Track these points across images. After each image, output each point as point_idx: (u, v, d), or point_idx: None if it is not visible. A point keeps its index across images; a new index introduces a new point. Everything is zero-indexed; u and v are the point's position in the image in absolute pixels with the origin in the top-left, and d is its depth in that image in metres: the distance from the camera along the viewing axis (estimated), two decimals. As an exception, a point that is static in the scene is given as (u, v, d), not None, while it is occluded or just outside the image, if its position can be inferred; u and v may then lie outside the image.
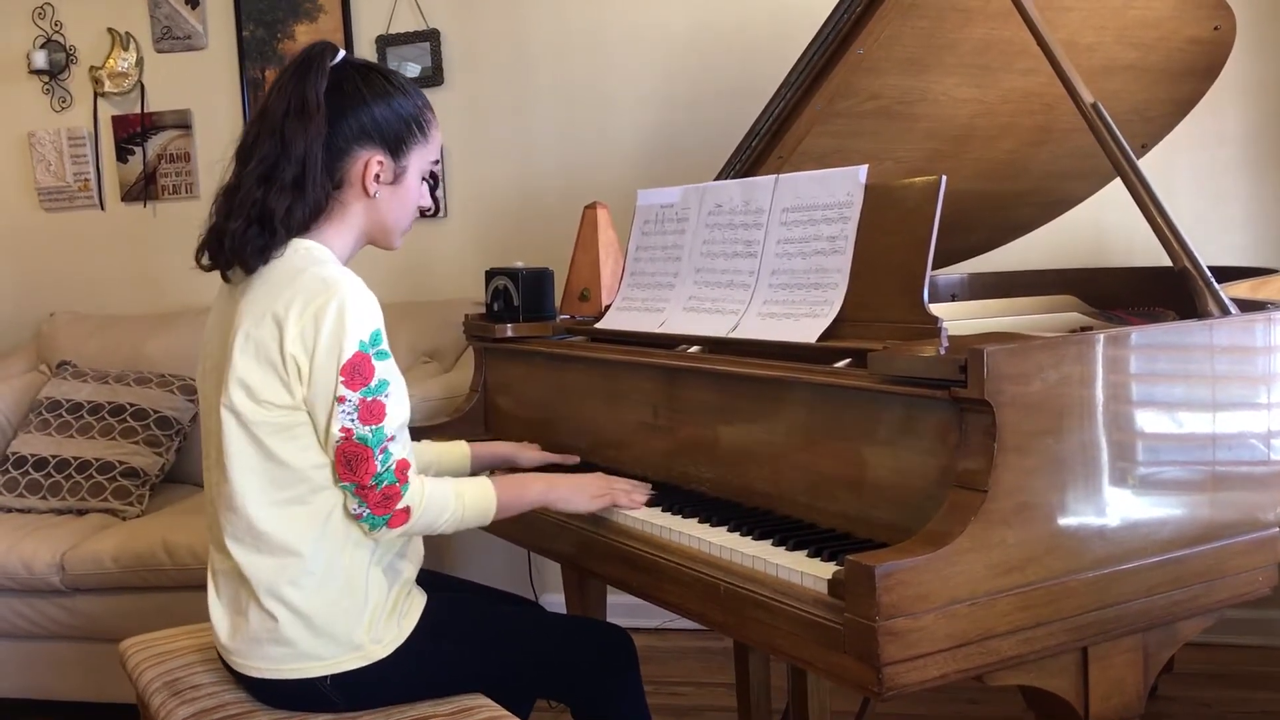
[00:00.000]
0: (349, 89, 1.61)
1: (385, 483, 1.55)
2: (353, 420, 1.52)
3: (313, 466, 1.57)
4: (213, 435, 1.62)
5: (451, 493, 1.65)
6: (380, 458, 1.54)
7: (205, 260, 1.65)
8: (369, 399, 1.52)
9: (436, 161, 1.73)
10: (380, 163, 1.63)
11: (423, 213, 1.76)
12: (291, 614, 1.58)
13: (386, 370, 1.55)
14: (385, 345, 1.55)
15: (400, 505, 1.57)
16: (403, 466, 1.57)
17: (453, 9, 3.50)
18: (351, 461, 1.53)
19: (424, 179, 1.72)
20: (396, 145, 1.64)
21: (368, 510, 1.56)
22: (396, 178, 1.66)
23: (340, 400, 1.52)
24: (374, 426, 1.53)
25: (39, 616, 2.81)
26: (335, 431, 1.53)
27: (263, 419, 1.55)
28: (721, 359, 1.79)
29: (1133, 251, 2.89)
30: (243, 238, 1.56)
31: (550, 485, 1.78)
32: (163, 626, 1.97)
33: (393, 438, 1.56)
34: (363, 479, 1.54)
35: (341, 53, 1.64)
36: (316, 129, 1.57)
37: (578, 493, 1.77)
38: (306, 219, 1.60)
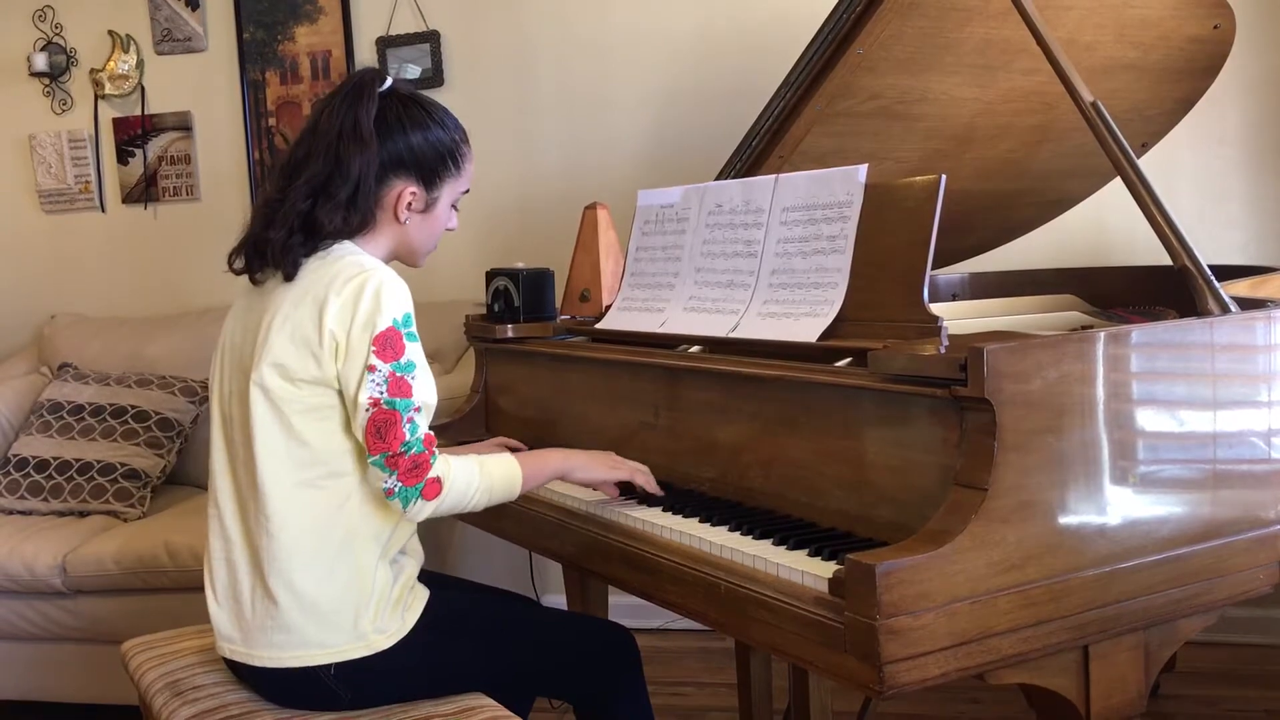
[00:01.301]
0: (391, 119, 1.68)
1: (414, 450, 1.57)
2: (381, 391, 1.56)
3: (334, 450, 1.60)
4: (225, 421, 1.67)
5: (476, 465, 1.66)
6: (408, 426, 1.57)
7: (238, 264, 1.71)
8: (398, 374, 1.57)
9: (466, 191, 1.79)
10: (414, 194, 1.70)
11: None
12: (296, 599, 1.60)
13: (415, 353, 1.60)
14: (415, 330, 1.61)
15: (431, 474, 1.59)
16: (430, 440, 1.60)
17: (453, 10, 3.50)
18: (381, 428, 1.56)
19: (453, 206, 1.78)
20: (430, 177, 1.71)
21: (399, 483, 1.57)
22: (428, 207, 1.73)
23: (370, 369, 1.56)
24: (402, 398, 1.57)
25: (41, 618, 2.81)
26: (364, 400, 1.56)
27: (293, 396, 1.59)
28: (722, 359, 1.79)
29: (1133, 250, 2.89)
30: (285, 245, 1.62)
31: (567, 455, 1.80)
32: (164, 628, 1.97)
33: (419, 409, 1.59)
34: (392, 445, 1.56)
35: (389, 80, 1.71)
36: (371, 154, 1.64)
37: (595, 462, 1.80)
38: (351, 231, 1.67)
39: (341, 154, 1.64)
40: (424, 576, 1.74)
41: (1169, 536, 1.45)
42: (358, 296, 1.57)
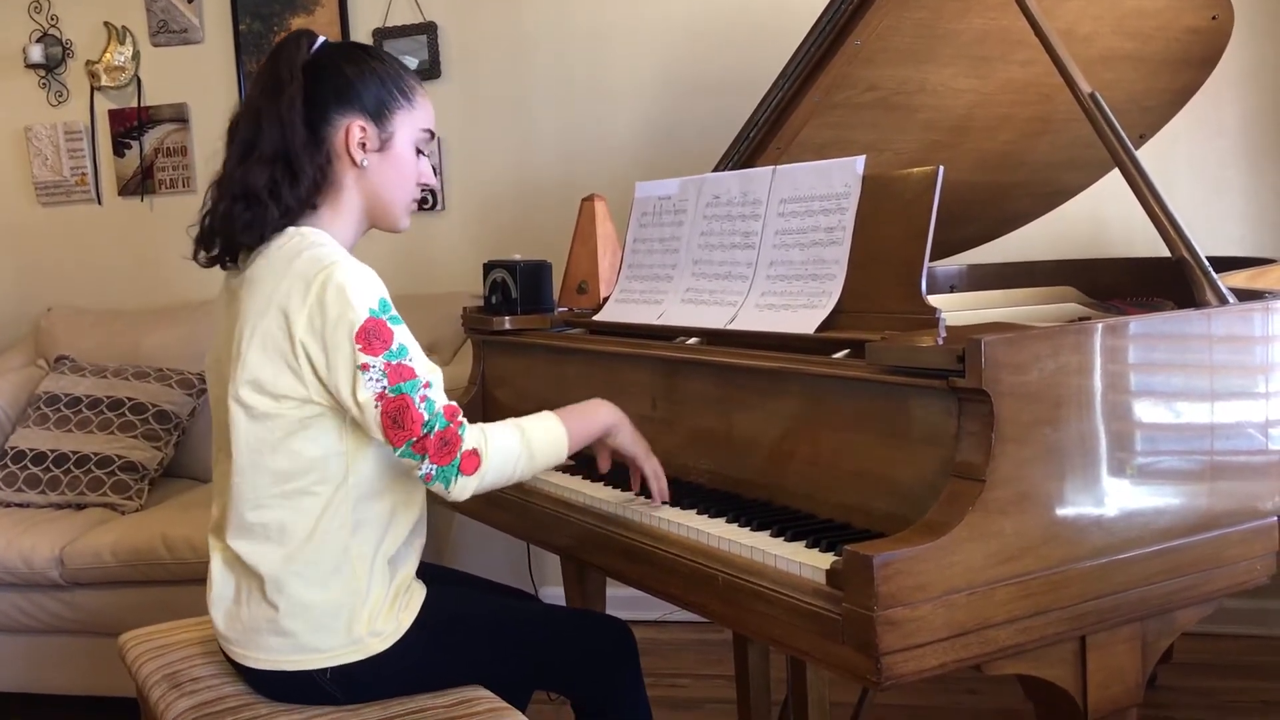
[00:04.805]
0: (325, 63, 1.63)
1: (438, 427, 1.51)
2: (383, 383, 1.49)
3: (321, 457, 1.56)
4: (222, 425, 1.62)
5: (516, 431, 1.59)
6: (423, 405, 1.50)
7: (201, 256, 1.67)
8: (394, 362, 1.50)
9: (429, 132, 1.71)
10: (362, 128, 1.62)
11: (429, 195, 1.74)
12: (290, 604, 1.58)
13: (403, 335, 1.52)
14: (396, 312, 1.53)
15: (465, 448, 1.52)
16: (451, 411, 1.53)
17: (449, 1, 3.49)
18: (396, 417, 1.49)
19: (420, 150, 1.70)
20: (378, 110, 1.64)
21: (433, 466, 1.51)
22: (384, 145, 1.64)
23: (364, 368, 1.48)
24: (406, 381, 1.50)
25: (38, 611, 2.81)
26: (367, 399, 1.49)
27: (275, 412, 1.54)
28: (720, 350, 1.79)
29: (1131, 242, 2.89)
30: (228, 215, 1.57)
31: (614, 411, 1.70)
32: (162, 620, 1.97)
33: (429, 384, 1.52)
34: (413, 430, 1.49)
35: (322, 38, 1.66)
36: (289, 99, 1.58)
37: (639, 436, 1.72)
38: (303, 195, 1.59)
39: (262, 108, 1.58)
40: (421, 569, 1.73)
41: (1166, 527, 1.45)
42: (321, 299, 1.49)
